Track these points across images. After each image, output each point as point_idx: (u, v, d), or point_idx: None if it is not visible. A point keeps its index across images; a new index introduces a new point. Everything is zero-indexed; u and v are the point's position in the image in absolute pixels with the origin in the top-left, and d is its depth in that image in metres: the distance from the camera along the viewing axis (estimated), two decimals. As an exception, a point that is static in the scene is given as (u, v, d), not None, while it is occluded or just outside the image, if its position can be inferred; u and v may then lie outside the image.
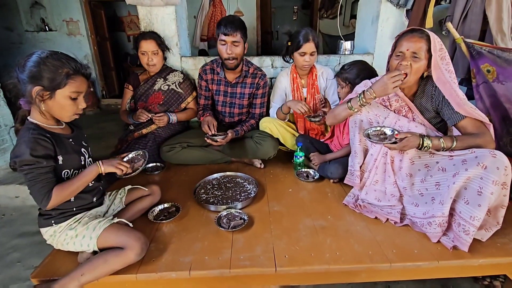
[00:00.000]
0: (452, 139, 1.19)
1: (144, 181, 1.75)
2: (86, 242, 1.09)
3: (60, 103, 1.03)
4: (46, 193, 1.00)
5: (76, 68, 1.03)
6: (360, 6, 2.60)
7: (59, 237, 1.12)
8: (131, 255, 1.04)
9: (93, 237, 1.08)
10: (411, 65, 1.23)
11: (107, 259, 1.03)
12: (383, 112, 1.36)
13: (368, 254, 1.12)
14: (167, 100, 2.06)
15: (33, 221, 2.09)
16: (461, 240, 1.10)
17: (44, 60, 0.98)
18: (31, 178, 0.99)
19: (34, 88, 0.98)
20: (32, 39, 4.76)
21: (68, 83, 1.01)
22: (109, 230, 1.09)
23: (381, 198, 1.37)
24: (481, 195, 1.05)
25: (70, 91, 1.03)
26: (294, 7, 7.07)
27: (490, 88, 1.69)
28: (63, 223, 1.12)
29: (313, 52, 1.83)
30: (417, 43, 1.20)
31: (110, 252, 1.06)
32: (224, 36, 1.75)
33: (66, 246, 1.13)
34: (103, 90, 5.13)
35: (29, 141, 0.98)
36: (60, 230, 1.11)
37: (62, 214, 1.11)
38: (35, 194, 1.00)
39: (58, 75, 0.99)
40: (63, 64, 1.00)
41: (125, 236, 1.08)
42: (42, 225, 1.13)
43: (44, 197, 1.00)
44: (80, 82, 1.04)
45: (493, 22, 1.80)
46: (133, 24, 6.13)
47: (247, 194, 1.54)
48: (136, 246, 1.05)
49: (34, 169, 0.98)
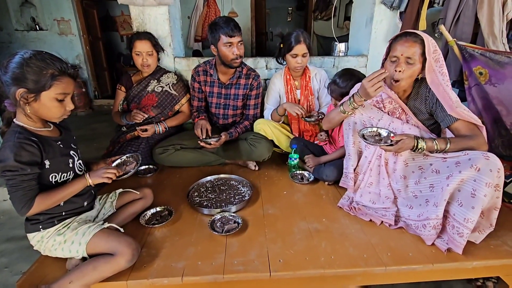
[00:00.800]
0: (446, 141, 1.20)
1: (136, 184, 1.71)
2: (75, 248, 1.06)
3: (46, 105, 0.99)
4: (27, 201, 0.97)
5: (62, 69, 0.99)
6: (354, 8, 2.61)
7: (47, 242, 1.08)
8: (121, 262, 1.01)
9: (82, 243, 1.05)
10: (404, 71, 1.23)
11: (96, 266, 1.00)
12: (376, 114, 1.36)
13: (363, 257, 1.11)
14: (160, 102, 2.03)
15: (21, 225, 2.00)
16: (455, 242, 1.10)
17: (27, 61, 0.94)
18: (13, 184, 0.95)
19: (18, 90, 0.94)
20: (22, 38, 4.67)
21: (53, 85, 0.97)
22: (99, 236, 1.06)
23: (375, 200, 1.37)
24: (474, 197, 1.06)
25: (56, 93, 0.99)
26: (288, 8, 7.08)
27: (482, 90, 1.71)
28: (51, 228, 1.08)
29: (305, 53, 1.83)
30: (411, 47, 1.20)
31: (99, 258, 1.02)
32: (230, 38, 1.73)
33: (54, 252, 1.09)
34: (95, 91, 5.06)
35: (14, 145, 0.94)
36: (48, 235, 1.08)
37: (51, 219, 1.08)
38: (15, 201, 0.97)
39: (43, 76, 0.95)
40: (47, 65, 0.96)
41: (115, 242, 1.05)
42: (29, 230, 1.09)
43: (24, 205, 0.97)
44: (66, 83, 1.00)
45: (484, 25, 1.82)
46: (126, 24, 6.06)
47: (241, 197, 1.52)
48: (127, 252, 1.02)
49: (17, 176, 0.95)
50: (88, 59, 4.89)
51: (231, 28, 1.71)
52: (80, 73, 4.79)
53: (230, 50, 1.76)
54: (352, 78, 1.62)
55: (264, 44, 6.27)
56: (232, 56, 1.77)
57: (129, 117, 1.93)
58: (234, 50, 1.75)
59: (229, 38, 1.73)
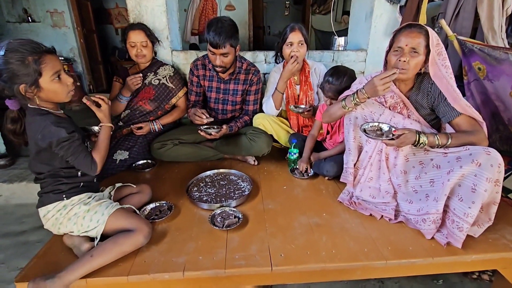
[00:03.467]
0: (447, 136, 1.20)
1: (135, 179, 1.70)
2: (97, 218, 1.11)
3: (50, 89, 1.04)
4: (91, 159, 1.11)
5: (37, 50, 0.99)
6: (354, 2, 2.58)
7: (70, 210, 1.12)
8: (140, 237, 1.08)
9: (105, 213, 1.11)
10: (409, 61, 1.22)
11: (117, 240, 1.05)
12: (378, 109, 1.35)
13: (363, 251, 1.12)
14: (158, 95, 2.00)
15: (17, 220, 2.01)
16: (455, 236, 1.11)
17: (5, 59, 0.95)
18: (74, 151, 1.07)
19: (20, 87, 0.98)
20: (14, 30, 4.55)
21: (42, 69, 0.99)
22: (120, 212, 1.14)
23: (375, 195, 1.37)
24: (475, 192, 1.06)
25: (49, 75, 1.01)
26: (286, 2, 7.00)
27: (481, 85, 1.71)
28: (75, 196, 1.14)
29: (301, 41, 1.78)
30: (415, 38, 1.20)
31: (119, 234, 1.08)
32: (213, 49, 1.68)
33: (73, 221, 1.11)
34: (90, 85, 4.97)
35: (56, 121, 1.04)
36: (72, 203, 1.13)
37: (72, 189, 1.15)
38: (83, 163, 1.10)
39: (28, 66, 0.97)
40: (23, 53, 0.96)
41: (135, 218, 1.13)
42: (51, 200, 1.11)
43: (91, 163, 1.11)
44: (51, 61, 1.01)
45: (484, 20, 1.81)
46: (121, 17, 5.94)
47: (241, 192, 1.52)
48: (145, 229, 1.10)
49: (72, 143, 1.06)
50: (82, 53, 4.79)
51: (215, 38, 1.63)
52: (74, 67, 4.69)
53: (213, 57, 1.75)
54: (344, 74, 1.62)
55: (262, 38, 6.21)
56: (214, 62, 1.76)
57: (125, 91, 1.91)
58: (217, 60, 1.73)
59: (213, 48, 1.69)
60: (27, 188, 2.17)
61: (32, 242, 1.80)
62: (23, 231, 1.91)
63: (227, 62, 1.76)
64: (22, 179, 2.21)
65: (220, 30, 1.63)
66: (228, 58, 1.74)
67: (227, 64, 1.77)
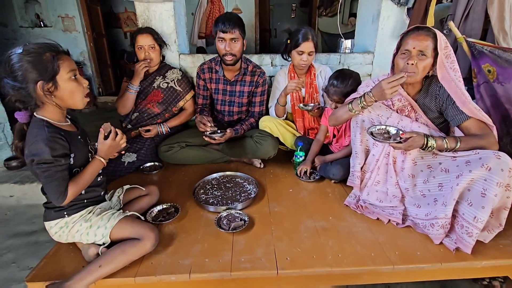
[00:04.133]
0: (456, 140, 1.18)
1: (142, 181, 1.72)
2: (100, 232, 1.10)
3: (67, 88, 1.01)
4: (63, 191, 1.00)
5: (53, 48, 0.99)
6: (361, 4, 2.57)
7: (72, 228, 1.11)
8: (147, 245, 1.06)
9: (108, 227, 1.10)
10: (417, 64, 1.21)
11: (125, 249, 1.04)
12: (385, 112, 1.34)
13: (370, 256, 1.11)
14: (166, 98, 2.02)
15: (28, 220, 2.06)
16: (464, 242, 1.09)
17: (23, 56, 0.94)
18: (48, 176, 0.98)
19: (37, 85, 0.96)
20: (26, 35, 4.67)
21: (60, 65, 0.98)
22: (124, 222, 1.12)
23: (382, 199, 1.35)
24: (485, 197, 1.04)
25: (67, 72, 1.00)
26: (292, 5, 7.01)
27: (491, 88, 1.68)
28: (76, 214, 1.12)
29: (311, 52, 1.81)
30: (423, 41, 1.19)
31: (126, 243, 1.07)
32: (222, 34, 1.73)
33: (78, 237, 1.12)
34: (99, 88, 5.06)
35: (48, 139, 0.97)
36: (73, 221, 1.11)
37: (74, 206, 1.12)
38: (52, 191, 1.00)
39: (46, 62, 0.96)
40: (40, 50, 0.96)
41: (140, 226, 1.11)
42: (52, 217, 1.11)
43: (60, 195, 1.00)
44: (67, 60, 1.01)
45: (495, 21, 1.78)
46: (130, 21, 6.04)
47: (247, 195, 1.52)
48: (152, 236, 1.08)
49: (52, 167, 0.97)
50: (92, 56, 4.88)
51: (225, 24, 1.72)
52: (84, 70, 4.78)
53: (221, 45, 1.77)
54: (349, 77, 1.61)
55: (268, 41, 6.23)
56: (223, 51, 1.77)
57: (135, 79, 1.91)
58: (225, 46, 1.75)
59: (221, 33, 1.74)
60: (38, 189, 2.21)
61: (42, 242, 1.84)
62: (33, 231, 1.95)
63: (236, 50, 1.78)
64: (33, 180, 2.26)
65: (230, 17, 1.76)
66: (237, 46, 1.78)
67: (237, 52, 1.79)
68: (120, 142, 1.13)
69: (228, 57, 1.79)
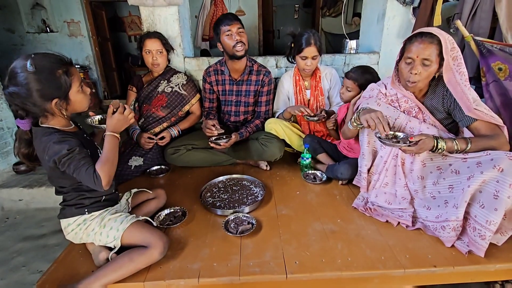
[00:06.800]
0: (467, 141, 1.16)
1: (149, 184, 1.73)
2: (112, 234, 1.10)
3: (77, 101, 1.05)
4: (93, 172, 0.98)
5: (63, 61, 1.00)
6: (365, 4, 2.55)
7: (89, 226, 1.12)
8: (155, 254, 1.05)
9: (120, 229, 1.10)
10: (421, 73, 1.19)
11: (132, 257, 1.04)
12: (393, 113, 1.33)
13: (380, 259, 1.10)
14: (170, 102, 2.03)
15: (37, 224, 2.08)
16: (477, 245, 1.07)
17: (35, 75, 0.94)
18: (75, 166, 0.99)
19: (52, 103, 0.99)
20: (33, 40, 4.74)
21: (71, 80, 1.00)
22: (135, 226, 1.12)
23: (391, 201, 1.34)
24: (497, 199, 1.02)
25: (77, 86, 1.03)
26: (295, 6, 7.01)
27: (501, 86, 1.65)
28: (96, 212, 1.14)
29: (315, 56, 1.81)
30: (427, 49, 1.15)
31: (134, 250, 1.07)
32: (228, 26, 1.77)
33: (92, 237, 1.13)
34: (104, 91, 5.11)
35: (59, 140, 0.99)
36: (92, 218, 1.13)
37: (95, 203, 1.14)
38: (86, 178, 0.99)
39: (59, 79, 0.98)
40: (53, 67, 0.97)
41: (149, 234, 1.10)
42: (73, 214, 1.12)
43: (94, 178, 0.98)
44: (75, 73, 1.03)
45: (503, 20, 1.75)
46: (134, 25, 6.10)
47: (254, 198, 1.51)
48: (160, 245, 1.07)
49: (72, 157, 0.99)
50: (97, 60, 4.94)
51: (228, 17, 1.78)
52: (89, 74, 4.83)
53: (230, 38, 1.78)
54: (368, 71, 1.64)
55: (272, 42, 6.23)
56: (233, 42, 1.78)
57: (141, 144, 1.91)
58: (235, 36, 1.78)
59: (227, 26, 1.77)
60: (47, 193, 2.24)
61: (51, 245, 1.86)
62: (42, 234, 1.97)
63: (244, 39, 1.82)
64: (41, 184, 2.28)
65: (229, 13, 1.86)
66: (244, 36, 1.82)
67: (245, 41, 1.82)
68: (128, 116, 1.11)
69: (239, 46, 1.79)
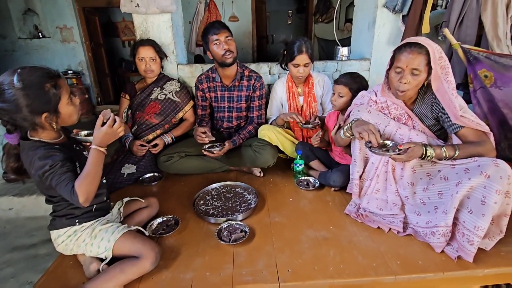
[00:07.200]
0: (455, 148, 1.19)
1: (142, 192, 1.71)
2: (103, 245, 1.09)
3: (66, 113, 1.04)
4: (71, 189, 0.96)
5: (50, 75, 0.99)
6: (356, 12, 2.60)
7: (79, 237, 1.12)
8: (146, 264, 1.05)
9: (111, 240, 1.09)
10: (410, 82, 1.22)
11: (123, 268, 1.04)
12: (383, 120, 1.35)
13: (372, 266, 1.10)
14: (163, 109, 2.03)
15: (27, 233, 2.04)
16: (466, 250, 1.09)
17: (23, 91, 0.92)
18: (56, 181, 0.97)
19: (42, 117, 0.98)
20: (25, 46, 4.69)
21: (60, 93, 1.00)
22: (126, 237, 1.11)
23: (382, 207, 1.35)
24: (484, 205, 1.04)
25: (66, 99, 1.02)
26: (289, 11, 7.09)
27: (488, 93, 1.70)
28: (87, 223, 1.13)
29: (307, 63, 1.83)
30: (416, 59, 1.18)
31: (125, 261, 1.06)
32: (216, 35, 1.79)
33: (83, 248, 1.12)
34: (98, 97, 5.07)
35: (44, 155, 0.98)
36: (83, 229, 1.12)
37: (86, 214, 1.13)
38: (65, 194, 0.97)
39: (48, 93, 0.97)
40: (40, 81, 0.96)
41: (140, 244, 1.09)
42: (63, 225, 1.11)
43: (72, 194, 0.95)
44: (63, 84, 1.02)
45: (488, 28, 1.80)
46: (128, 30, 6.08)
47: (247, 205, 1.52)
48: (151, 255, 1.06)
49: (54, 172, 0.97)
50: (90, 66, 4.90)
51: (215, 26, 1.81)
52: (82, 80, 4.80)
53: (219, 47, 1.81)
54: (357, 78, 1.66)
55: (265, 48, 6.28)
56: (222, 51, 1.80)
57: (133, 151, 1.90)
58: (223, 45, 1.80)
59: (215, 35, 1.79)
60: (37, 201, 2.21)
61: (42, 255, 1.82)
62: (33, 244, 1.94)
63: (232, 47, 1.84)
64: (32, 192, 2.25)
65: (216, 22, 1.88)
66: (233, 44, 1.85)
67: (234, 49, 1.85)
68: (117, 130, 1.05)
69: (227, 55, 1.82)
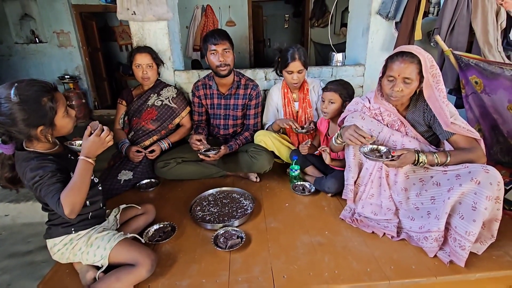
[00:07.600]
0: (446, 155, 1.21)
1: (139, 198, 1.72)
2: (99, 253, 1.09)
3: (62, 125, 1.05)
4: (57, 200, 0.95)
5: (47, 88, 1.00)
6: (350, 18, 2.64)
7: (75, 245, 1.12)
8: (142, 272, 1.05)
9: (107, 248, 1.09)
10: (402, 90, 1.24)
11: (119, 276, 1.04)
12: (377, 127, 1.37)
13: (366, 271, 1.12)
14: (160, 115, 2.04)
15: (23, 240, 2.03)
16: (457, 255, 1.11)
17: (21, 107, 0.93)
18: (44, 192, 0.97)
19: (38, 130, 0.99)
20: (22, 51, 4.70)
21: (56, 107, 1.01)
22: (122, 245, 1.11)
23: (377, 212, 1.37)
24: (475, 210, 1.07)
25: (62, 112, 1.04)
26: (285, 16, 7.15)
27: (479, 98, 1.73)
28: (83, 231, 1.13)
29: (301, 70, 1.86)
30: (407, 68, 1.20)
31: (121, 269, 1.06)
32: (214, 46, 1.80)
33: (79, 256, 1.12)
34: (95, 101, 5.07)
35: (36, 167, 0.98)
36: (78, 238, 1.12)
37: (82, 222, 1.13)
38: (52, 206, 0.96)
39: (44, 107, 0.98)
40: (37, 94, 0.96)
41: (137, 252, 1.09)
42: (59, 234, 1.11)
43: (58, 206, 0.94)
44: (60, 97, 1.04)
45: (479, 34, 1.84)
46: (125, 34, 6.10)
47: (243, 211, 1.53)
48: (147, 263, 1.06)
49: (42, 183, 0.97)
50: (87, 70, 4.91)
51: (215, 36, 1.80)
52: (79, 84, 4.80)
53: (215, 58, 1.82)
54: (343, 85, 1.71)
55: (262, 52, 6.32)
56: (217, 63, 1.82)
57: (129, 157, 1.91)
58: (218, 57, 1.80)
59: (214, 46, 1.80)
60: (34, 207, 2.20)
61: (38, 262, 1.81)
62: (29, 251, 1.93)
63: (229, 60, 1.84)
64: (28, 198, 2.24)
65: (218, 31, 1.85)
66: (230, 56, 1.84)
67: (230, 62, 1.85)
68: (106, 139, 1.05)
69: (222, 67, 1.83)
